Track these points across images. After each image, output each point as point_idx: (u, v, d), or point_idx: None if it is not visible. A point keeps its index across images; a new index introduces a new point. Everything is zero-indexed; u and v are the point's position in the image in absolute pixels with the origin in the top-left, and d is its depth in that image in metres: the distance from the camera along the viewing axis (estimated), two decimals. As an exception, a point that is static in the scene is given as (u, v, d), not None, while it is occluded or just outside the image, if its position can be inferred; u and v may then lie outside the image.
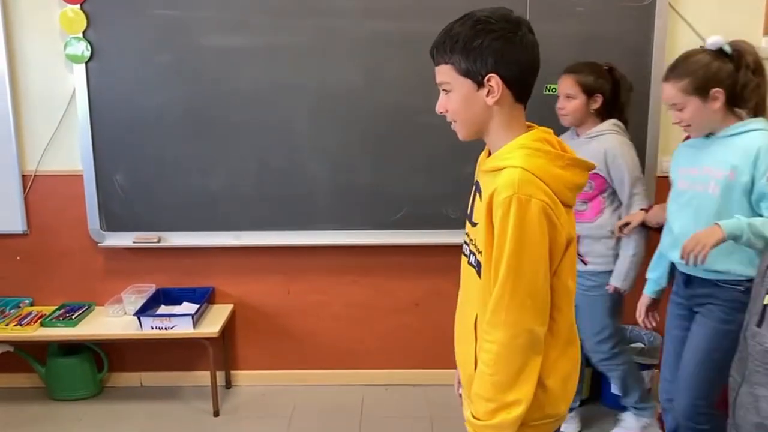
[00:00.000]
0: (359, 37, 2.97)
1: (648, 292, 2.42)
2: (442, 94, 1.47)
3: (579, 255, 2.66)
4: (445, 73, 1.44)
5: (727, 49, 2.06)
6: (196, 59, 3.01)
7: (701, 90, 2.06)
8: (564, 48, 2.93)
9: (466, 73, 1.41)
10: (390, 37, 2.96)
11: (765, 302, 1.33)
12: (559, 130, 2.71)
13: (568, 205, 1.40)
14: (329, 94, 3.03)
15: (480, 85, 1.40)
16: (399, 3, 2.95)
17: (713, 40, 2.09)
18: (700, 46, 2.14)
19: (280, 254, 3.25)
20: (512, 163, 1.34)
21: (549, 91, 2.96)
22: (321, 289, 3.31)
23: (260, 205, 3.14)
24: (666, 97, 2.16)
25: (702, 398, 2.18)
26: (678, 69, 2.11)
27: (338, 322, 3.36)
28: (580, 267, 2.67)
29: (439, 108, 1.49)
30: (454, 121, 1.48)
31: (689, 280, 2.22)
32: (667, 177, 3.10)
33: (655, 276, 2.41)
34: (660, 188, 3.11)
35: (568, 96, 2.66)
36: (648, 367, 3.05)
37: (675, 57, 2.97)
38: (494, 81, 1.39)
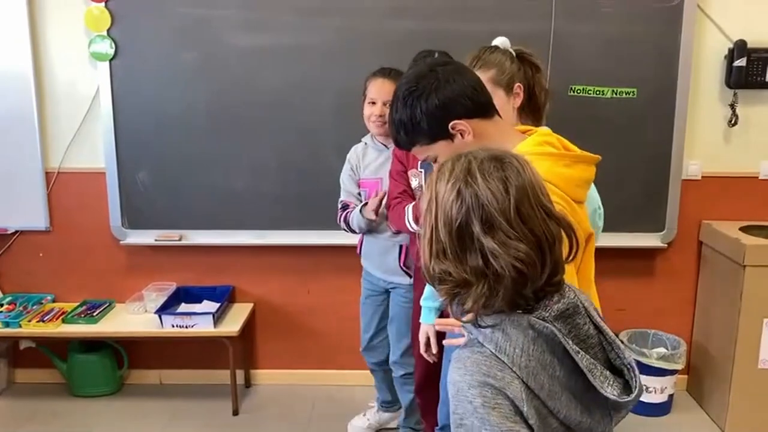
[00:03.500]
0: (384, 37, 2.96)
1: (432, 322, 2.10)
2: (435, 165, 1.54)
3: (406, 268, 2.59)
4: (420, 152, 1.50)
5: (512, 52, 2.00)
6: (219, 58, 3.01)
7: (507, 82, 1.95)
8: (590, 49, 2.92)
9: (433, 140, 1.45)
10: (415, 36, 2.92)
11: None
12: (581, 132, 2.68)
13: (579, 201, 1.41)
14: (353, 94, 2.99)
15: (451, 137, 1.43)
16: (424, 2, 2.92)
17: (501, 40, 2.03)
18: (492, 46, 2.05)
19: (300, 253, 3.25)
20: None
21: (573, 92, 2.94)
22: (341, 288, 3.30)
23: (282, 205, 3.13)
24: None
25: None
26: (483, 60, 1.98)
27: (358, 322, 3.34)
28: (406, 280, 2.60)
29: None
30: None
31: None
32: (693, 180, 3.11)
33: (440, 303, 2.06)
34: (685, 191, 3.08)
35: None
36: (672, 372, 3.02)
37: (703, 59, 3.00)
38: (458, 125, 1.42)
